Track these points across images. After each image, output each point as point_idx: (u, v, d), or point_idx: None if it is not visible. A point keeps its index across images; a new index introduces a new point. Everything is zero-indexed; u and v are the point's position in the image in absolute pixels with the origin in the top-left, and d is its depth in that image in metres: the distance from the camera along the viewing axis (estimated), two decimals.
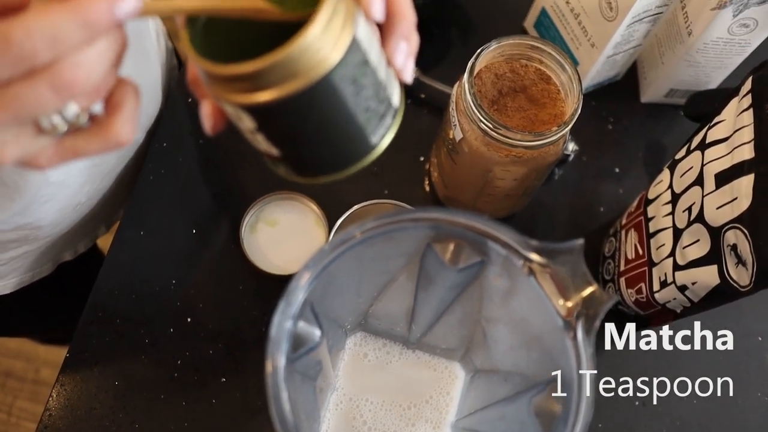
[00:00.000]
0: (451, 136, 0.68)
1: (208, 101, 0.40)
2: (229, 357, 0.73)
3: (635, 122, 0.86)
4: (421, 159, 0.82)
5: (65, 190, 0.68)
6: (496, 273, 0.50)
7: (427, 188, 0.81)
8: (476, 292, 0.54)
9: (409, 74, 0.40)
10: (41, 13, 0.31)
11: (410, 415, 0.66)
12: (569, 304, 0.45)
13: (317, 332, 0.46)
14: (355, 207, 0.71)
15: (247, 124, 0.38)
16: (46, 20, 0.31)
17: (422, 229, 0.47)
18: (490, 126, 0.61)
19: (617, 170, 0.83)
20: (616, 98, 0.86)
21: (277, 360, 0.42)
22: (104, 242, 0.96)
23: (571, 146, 0.71)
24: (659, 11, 0.73)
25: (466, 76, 0.63)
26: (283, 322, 0.43)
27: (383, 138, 0.41)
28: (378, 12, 0.37)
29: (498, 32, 0.69)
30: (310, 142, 0.39)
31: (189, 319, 0.74)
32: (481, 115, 0.61)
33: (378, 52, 0.38)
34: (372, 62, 0.38)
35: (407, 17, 0.38)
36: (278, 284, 0.74)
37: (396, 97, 0.41)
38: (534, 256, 0.46)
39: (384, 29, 0.38)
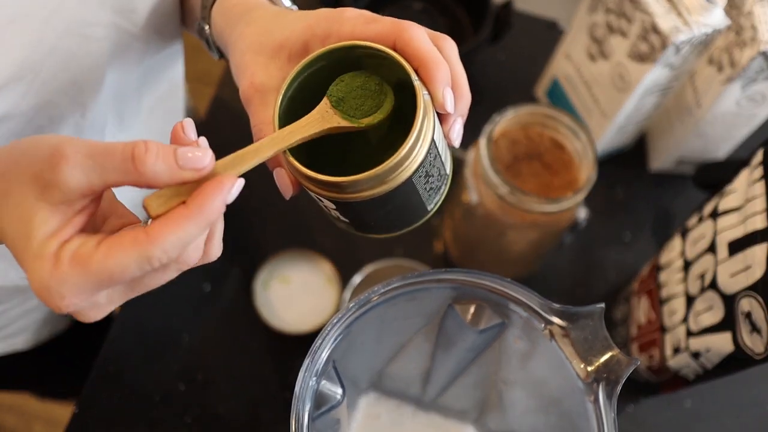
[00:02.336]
0: (466, 200, 0.69)
1: (284, 172, 0.43)
2: (239, 415, 0.73)
3: (644, 190, 0.88)
4: (432, 222, 0.83)
5: None
6: (516, 335, 0.50)
7: (440, 248, 0.82)
8: (494, 354, 0.54)
9: (459, 141, 0.43)
10: (171, 226, 0.35)
11: None
12: (590, 367, 0.45)
13: (339, 391, 0.46)
14: (371, 266, 0.72)
15: (326, 203, 0.42)
16: (177, 233, 0.35)
17: (445, 289, 0.48)
18: (507, 191, 0.62)
19: (626, 236, 0.84)
20: (625, 167, 0.88)
21: (302, 418, 0.42)
22: None
23: (584, 213, 0.73)
24: (669, 84, 0.75)
25: (484, 141, 0.64)
26: (308, 380, 0.44)
27: (437, 204, 0.45)
28: (451, 107, 0.40)
29: (509, 99, 0.71)
30: (378, 218, 0.44)
31: (199, 376, 0.74)
32: (499, 181, 0.63)
33: (441, 137, 0.42)
34: (440, 152, 0.42)
35: (466, 97, 0.42)
36: (289, 342, 0.75)
37: (449, 166, 0.44)
38: (555, 319, 0.46)
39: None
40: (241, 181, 0.37)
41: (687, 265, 0.64)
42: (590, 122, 0.83)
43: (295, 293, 0.77)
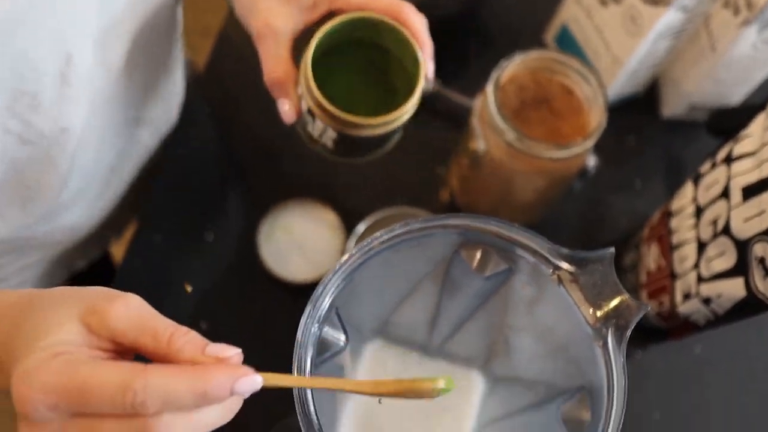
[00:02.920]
0: (473, 147, 0.68)
1: (288, 101, 0.53)
2: (246, 365, 0.72)
3: (655, 137, 0.86)
4: (437, 171, 0.82)
5: (86, 195, 0.68)
6: (523, 281, 0.49)
7: (446, 197, 0.81)
8: (501, 300, 0.53)
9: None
10: (164, 371, 0.33)
11: (429, 424, 0.65)
12: (599, 313, 0.44)
13: (342, 337, 0.46)
14: (375, 215, 0.71)
15: (328, 134, 0.54)
16: (165, 381, 0.33)
17: (450, 235, 0.47)
18: (515, 137, 0.61)
19: (637, 184, 0.83)
20: (636, 113, 0.86)
21: (305, 364, 0.42)
22: (116, 250, 0.96)
23: (593, 160, 0.71)
24: (683, 27, 0.73)
25: (491, 87, 0.63)
26: (310, 326, 0.43)
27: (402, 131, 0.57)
28: (431, 72, 0.54)
29: (517, 45, 0.69)
30: (364, 148, 0.56)
31: (204, 326, 0.74)
32: (506, 127, 0.61)
33: None
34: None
35: (430, 44, 0.54)
36: (294, 291, 0.74)
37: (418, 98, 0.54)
38: (563, 264, 0.45)
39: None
40: (259, 381, 0.37)
41: (699, 211, 0.63)
42: (600, 68, 0.81)
43: (298, 242, 0.76)
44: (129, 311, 0.36)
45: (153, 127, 0.75)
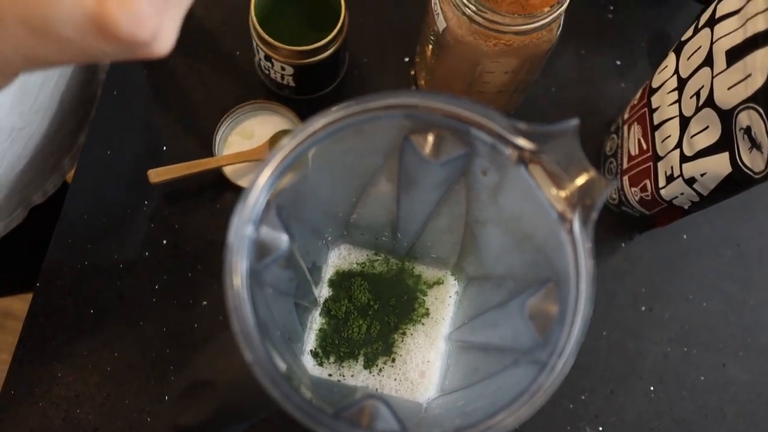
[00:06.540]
0: (434, 29, 0.62)
1: None
2: (209, 280, 0.69)
3: (637, 10, 0.79)
4: (406, 60, 0.76)
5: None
6: (482, 167, 0.45)
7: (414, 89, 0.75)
8: (462, 192, 0.49)
9: None
10: None
11: (404, 333, 0.62)
12: (563, 193, 0.40)
13: (284, 238, 0.41)
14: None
15: (288, 72, 0.66)
16: None
17: (396, 118, 0.41)
18: (474, 9, 0.55)
19: (618, 63, 0.77)
20: None
21: (237, 266, 0.38)
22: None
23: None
24: None
25: None
26: (242, 227, 0.38)
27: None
28: None
29: None
30: (322, 77, 0.70)
31: (165, 242, 0.70)
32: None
33: None
34: None
35: None
36: None
37: None
38: (522, 142, 0.40)
39: None
40: None
41: (681, 84, 0.58)
42: None
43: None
44: None
45: None
